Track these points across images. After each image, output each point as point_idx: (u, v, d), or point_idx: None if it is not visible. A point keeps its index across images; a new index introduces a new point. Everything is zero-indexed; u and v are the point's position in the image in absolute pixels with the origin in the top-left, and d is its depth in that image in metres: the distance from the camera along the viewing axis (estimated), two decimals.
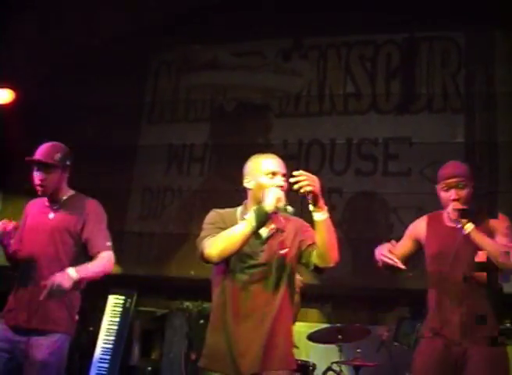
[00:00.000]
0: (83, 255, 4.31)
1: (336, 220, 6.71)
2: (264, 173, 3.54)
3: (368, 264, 6.61)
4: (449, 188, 4.14)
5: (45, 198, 4.44)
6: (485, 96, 6.84)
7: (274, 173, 3.53)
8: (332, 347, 5.72)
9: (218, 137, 7.44)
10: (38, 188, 4.38)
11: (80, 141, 6.72)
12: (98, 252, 4.28)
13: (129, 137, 7.75)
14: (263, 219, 3.34)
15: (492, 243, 3.94)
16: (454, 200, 4.08)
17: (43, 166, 4.35)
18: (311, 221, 3.52)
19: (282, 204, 3.36)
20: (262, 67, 7.61)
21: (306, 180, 3.31)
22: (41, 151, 4.40)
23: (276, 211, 3.38)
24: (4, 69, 6.80)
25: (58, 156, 4.39)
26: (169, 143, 7.65)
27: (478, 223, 3.99)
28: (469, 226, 3.94)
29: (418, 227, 4.48)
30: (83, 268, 4.13)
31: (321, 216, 3.40)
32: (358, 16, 7.10)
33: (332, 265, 3.47)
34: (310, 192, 3.33)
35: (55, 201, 4.44)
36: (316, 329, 5.89)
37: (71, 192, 4.51)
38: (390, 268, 4.28)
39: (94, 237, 4.33)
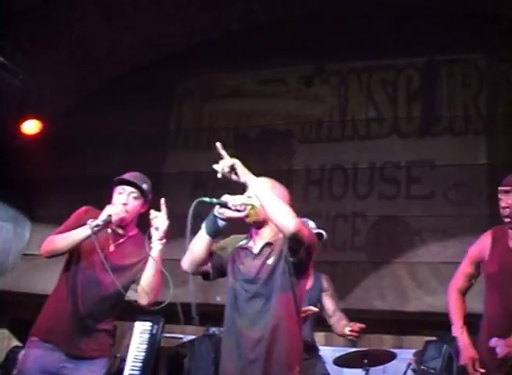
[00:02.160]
0: None
1: (360, 244, 6.71)
2: None
3: (392, 287, 6.54)
4: (500, 196, 3.97)
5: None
6: (506, 118, 6.71)
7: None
8: (359, 371, 5.55)
9: (242, 163, 7.35)
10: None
11: (107, 170, 6.70)
12: None
13: (155, 165, 7.67)
14: (212, 225, 3.48)
15: None
16: (503, 208, 3.93)
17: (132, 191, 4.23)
18: None
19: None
20: (284, 94, 7.58)
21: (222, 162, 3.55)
22: (132, 176, 4.29)
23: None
24: (31, 100, 6.78)
25: (146, 186, 4.31)
26: (194, 170, 7.58)
27: None
28: None
29: (482, 245, 4.21)
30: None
31: (252, 185, 3.43)
32: (378, 40, 7.08)
33: (291, 230, 3.23)
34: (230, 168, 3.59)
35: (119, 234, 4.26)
36: (342, 353, 5.75)
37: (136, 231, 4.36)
38: None
39: None
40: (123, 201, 4.17)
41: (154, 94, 7.73)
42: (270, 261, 3.45)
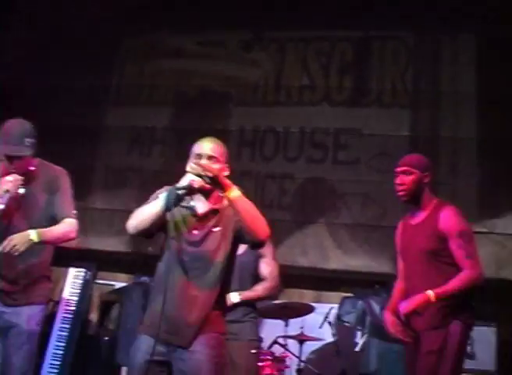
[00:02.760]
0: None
1: (287, 204, 6.98)
2: (193, 156, 3.61)
3: (315, 246, 6.86)
4: (396, 175, 4.30)
5: None
6: (430, 94, 7.04)
7: (199, 156, 3.57)
8: (279, 322, 5.84)
9: (179, 121, 7.53)
10: None
11: (47, 121, 6.77)
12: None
13: (94, 118, 7.77)
14: (172, 198, 3.38)
15: None
16: (396, 185, 4.26)
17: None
18: None
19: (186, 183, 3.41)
20: (224, 57, 7.68)
21: (202, 170, 3.38)
22: (12, 144, 4.10)
23: (188, 192, 3.44)
24: None
25: (27, 142, 4.14)
26: (132, 125, 7.70)
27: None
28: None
29: (396, 235, 4.55)
30: (46, 230, 4.08)
31: (231, 194, 3.40)
32: (316, 13, 7.22)
33: (261, 238, 3.47)
34: (210, 179, 3.38)
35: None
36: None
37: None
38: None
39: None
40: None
41: (98, 51, 7.71)
42: (216, 229, 3.53)
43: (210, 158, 3.56)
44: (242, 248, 4.88)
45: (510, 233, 6.48)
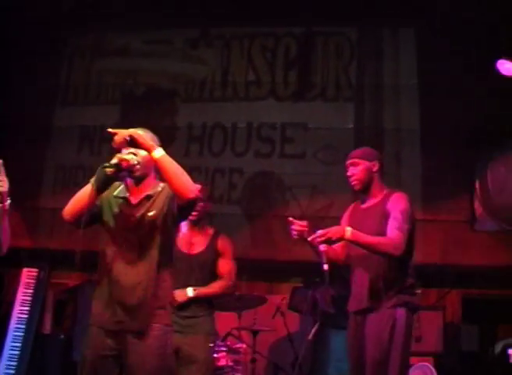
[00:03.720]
0: None
1: (236, 198, 7.04)
2: None
3: (265, 238, 6.92)
4: (347, 169, 4.36)
5: None
6: (373, 87, 7.17)
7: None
8: (232, 314, 5.87)
9: (127, 119, 7.49)
10: None
11: None
12: None
13: (44, 118, 7.70)
14: (102, 179, 3.33)
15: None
16: (348, 177, 4.33)
17: None
18: None
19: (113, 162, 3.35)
20: (170, 54, 7.68)
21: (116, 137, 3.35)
22: None
23: (114, 171, 3.36)
24: None
25: None
26: (81, 124, 7.66)
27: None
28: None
29: (344, 216, 4.55)
30: None
31: (155, 155, 3.34)
32: (260, 9, 7.27)
33: (188, 197, 3.35)
34: (126, 141, 3.34)
35: None
36: None
37: None
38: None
39: None
40: None
41: (45, 51, 7.66)
42: (151, 213, 3.51)
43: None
44: (201, 246, 4.95)
45: (453, 220, 6.63)
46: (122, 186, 3.62)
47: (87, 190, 3.41)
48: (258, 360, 5.79)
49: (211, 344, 4.91)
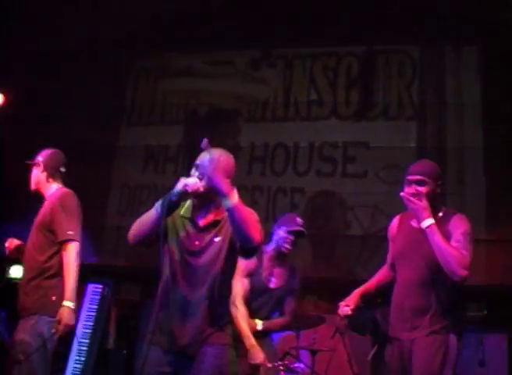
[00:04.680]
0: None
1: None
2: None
3: (327, 257, 6.87)
4: (409, 184, 4.00)
5: None
6: (436, 105, 7.07)
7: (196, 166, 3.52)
8: (290, 333, 5.81)
9: (190, 138, 7.58)
10: None
11: (67, 143, 6.82)
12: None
13: (110, 139, 7.86)
14: (167, 204, 3.31)
15: (448, 248, 3.81)
16: (413, 194, 3.94)
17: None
18: None
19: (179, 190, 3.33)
20: (233, 75, 7.76)
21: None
22: None
23: (182, 197, 3.36)
24: None
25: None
26: (146, 144, 7.80)
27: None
28: (428, 221, 3.82)
29: (391, 227, 4.40)
30: None
31: (228, 203, 3.25)
32: (322, 29, 7.27)
33: (252, 245, 3.32)
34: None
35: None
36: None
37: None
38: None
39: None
40: None
41: (112, 73, 7.85)
42: (217, 239, 3.46)
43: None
44: (279, 282, 4.96)
45: None
46: (188, 203, 3.59)
47: (151, 215, 3.40)
48: None
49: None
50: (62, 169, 4.69)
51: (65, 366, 6.41)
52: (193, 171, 3.50)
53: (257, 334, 4.91)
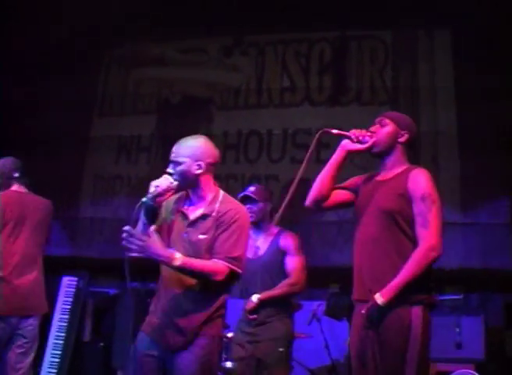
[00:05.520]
0: None
1: (274, 205, 6.93)
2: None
3: (303, 244, 6.82)
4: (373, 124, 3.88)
5: None
6: (408, 90, 7.04)
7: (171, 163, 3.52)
8: None
9: (163, 128, 7.52)
10: None
11: (38, 133, 6.77)
12: None
13: (81, 129, 7.76)
14: (147, 212, 3.30)
15: None
16: (370, 132, 3.90)
17: None
18: None
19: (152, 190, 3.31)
20: (205, 63, 7.70)
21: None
22: None
23: (156, 201, 3.33)
24: None
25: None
26: (119, 134, 7.71)
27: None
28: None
29: (358, 177, 4.08)
30: None
31: (173, 267, 3.29)
32: (294, 15, 7.21)
33: (217, 281, 3.35)
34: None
35: None
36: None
37: None
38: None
39: None
40: None
41: (83, 63, 7.72)
42: (202, 237, 3.44)
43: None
44: (263, 249, 4.87)
45: (493, 223, 6.46)
46: (181, 194, 3.59)
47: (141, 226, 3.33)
48: (294, 366, 5.71)
49: (281, 349, 4.72)
50: (16, 175, 4.68)
51: (42, 359, 6.36)
52: (170, 167, 3.48)
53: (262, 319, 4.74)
